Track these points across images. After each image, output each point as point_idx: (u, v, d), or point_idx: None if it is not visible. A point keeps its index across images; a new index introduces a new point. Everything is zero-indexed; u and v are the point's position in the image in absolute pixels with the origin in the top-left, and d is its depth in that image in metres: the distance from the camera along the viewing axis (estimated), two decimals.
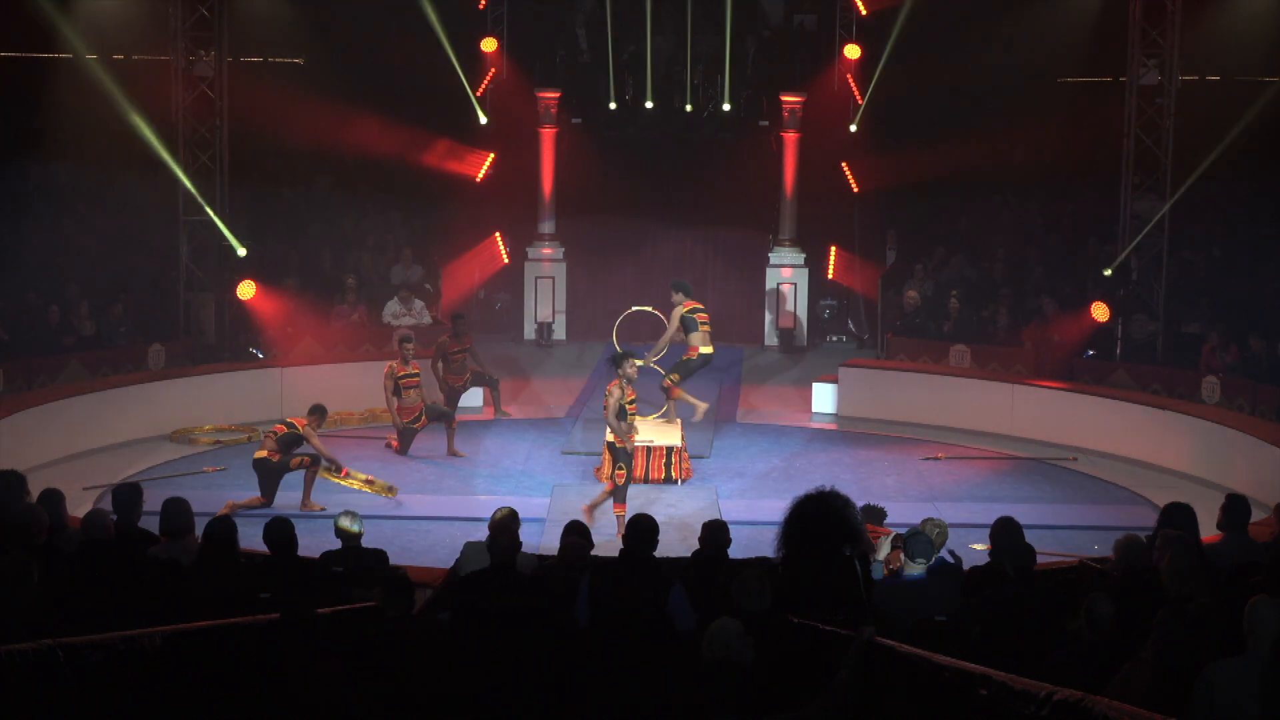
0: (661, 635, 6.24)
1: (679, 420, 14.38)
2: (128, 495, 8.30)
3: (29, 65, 18.21)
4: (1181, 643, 5.40)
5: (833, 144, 20.27)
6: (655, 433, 13.87)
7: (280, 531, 7.79)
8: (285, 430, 12.76)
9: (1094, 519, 12.60)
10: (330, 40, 19.89)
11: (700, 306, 14.61)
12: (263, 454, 12.66)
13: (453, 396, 15.78)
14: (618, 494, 11.91)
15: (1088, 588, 6.79)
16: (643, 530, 7.19)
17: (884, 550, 7.87)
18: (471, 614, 6.73)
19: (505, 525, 7.69)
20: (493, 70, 20.47)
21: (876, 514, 9.78)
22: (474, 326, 19.52)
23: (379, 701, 5.72)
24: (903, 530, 7.93)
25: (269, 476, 12.62)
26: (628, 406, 12.04)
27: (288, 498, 12.61)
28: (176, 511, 8.07)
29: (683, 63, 20.22)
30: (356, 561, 8.38)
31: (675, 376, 14.50)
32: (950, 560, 8.08)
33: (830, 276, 20.89)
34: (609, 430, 12.04)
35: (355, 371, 16.51)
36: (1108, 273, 16.87)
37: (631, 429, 12.02)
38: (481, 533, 8.37)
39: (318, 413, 13.03)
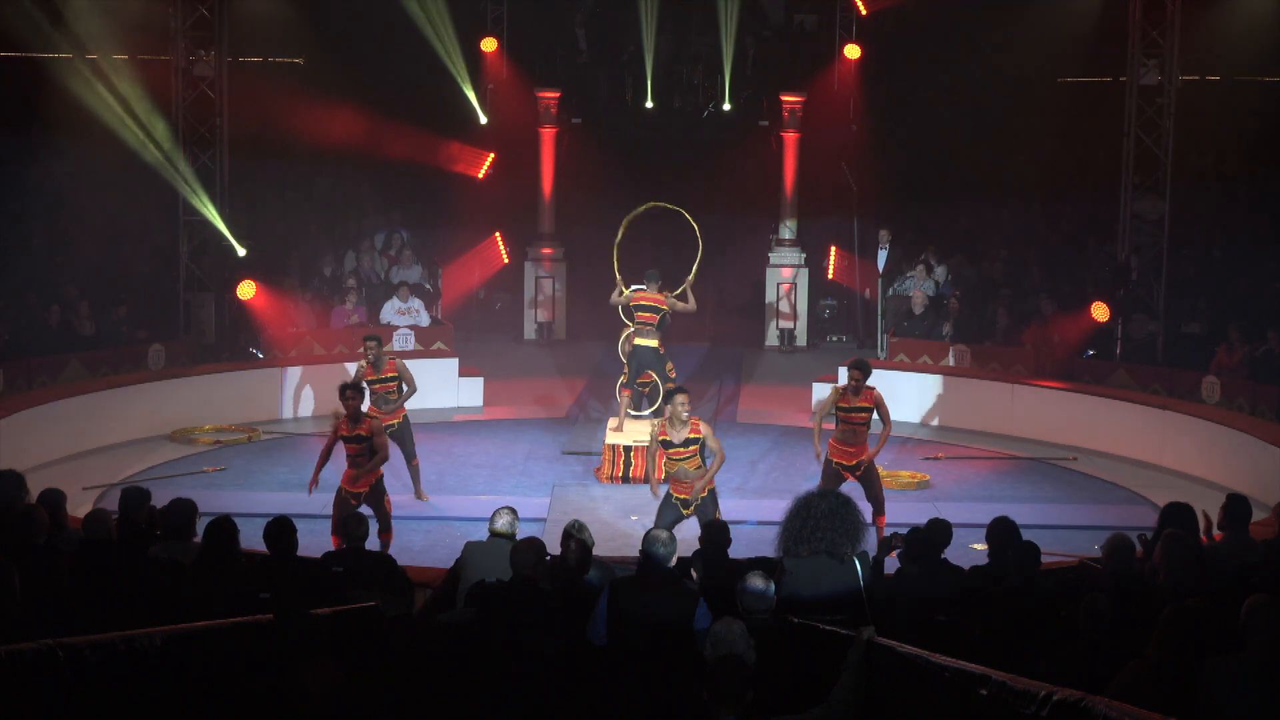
0: (687, 654, 5.95)
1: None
2: (134, 497, 8.30)
3: (29, 65, 18.20)
4: (1184, 642, 5.40)
5: (833, 144, 20.26)
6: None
7: (281, 531, 7.78)
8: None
9: (1094, 519, 12.58)
10: (330, 40, 19.88)
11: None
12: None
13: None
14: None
15: (1088, 588, 6.78)
16: (661, 544, 6.86)
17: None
18: (488, 624, 6.57)
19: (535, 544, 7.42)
20: (493, 70, 20.47)
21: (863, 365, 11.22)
22: (475, 326, 19.47)
23: (378, 702, 5.71)
24: (903, 530, 7.91)
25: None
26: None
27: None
28: (179, 512, 8.07)
29: (683, 63, 20.21)
30: (357, 562, 8.36)
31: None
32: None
33: (830, 276, 20.88)
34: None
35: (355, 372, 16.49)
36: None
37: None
38: (481, 533, 8.37)
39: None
